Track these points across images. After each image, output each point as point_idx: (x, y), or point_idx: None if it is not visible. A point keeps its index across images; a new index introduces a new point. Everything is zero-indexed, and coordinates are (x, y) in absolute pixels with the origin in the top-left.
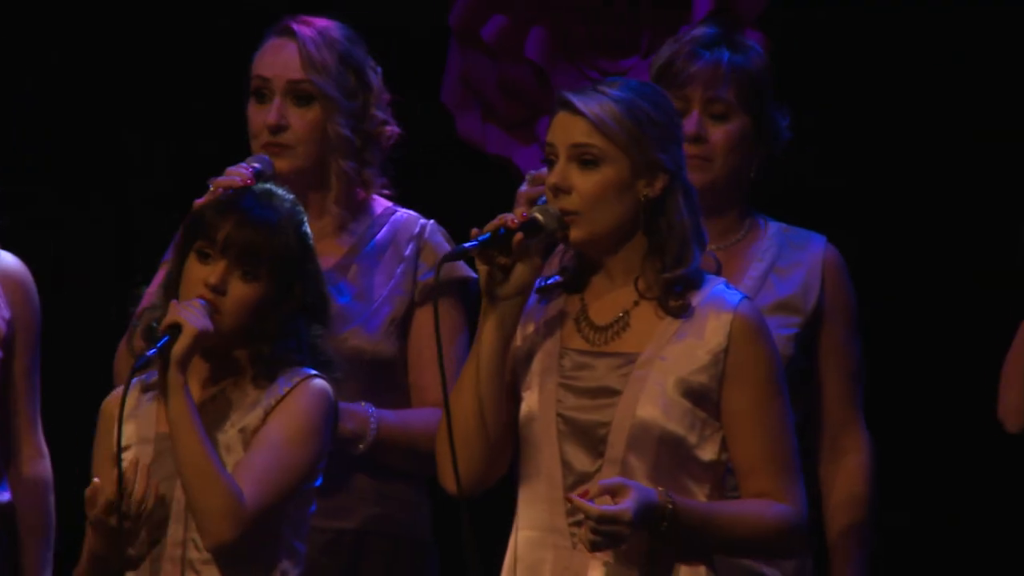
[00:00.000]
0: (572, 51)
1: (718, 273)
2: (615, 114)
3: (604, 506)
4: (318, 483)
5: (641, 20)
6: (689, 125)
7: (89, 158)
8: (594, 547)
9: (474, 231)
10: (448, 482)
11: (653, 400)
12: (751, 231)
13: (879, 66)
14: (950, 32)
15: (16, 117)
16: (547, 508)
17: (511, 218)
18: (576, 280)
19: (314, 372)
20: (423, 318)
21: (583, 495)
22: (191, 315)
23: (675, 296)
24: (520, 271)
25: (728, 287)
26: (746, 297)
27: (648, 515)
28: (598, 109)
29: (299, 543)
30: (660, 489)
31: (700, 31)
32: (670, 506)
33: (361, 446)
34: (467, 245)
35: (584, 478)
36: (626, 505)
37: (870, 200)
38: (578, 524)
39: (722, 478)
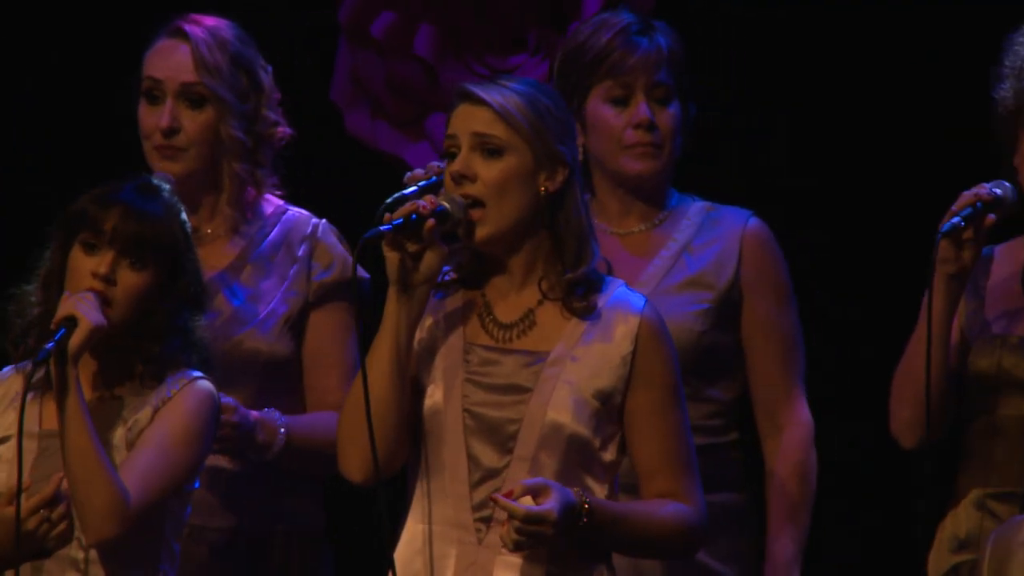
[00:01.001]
0: (461, 48)
1: (609, 273)
2: (518, 105)
3: (530, 506)
4: (196, 485)
5: (529, 18)
6: (641, 112)
7: None
8: (517, 547)
9: (387, 216)
10: (352, 471)
11: (564, 401)
12: (673, 212)
13: (843, 63)
14: (909, 29)
15: None
16: (452, 503)
17: (423, 205)
18: (473, 278)
19: (199, 374)
20: (319, 319)
21: (507, 495)
22: (86, 308)
23: (578, 297)
24: (430, 258)
25: (629, 289)
26: (647, 300)
27: (568, 515)
28: (501, 99)
29: (176, 543)
30: (576, 489)
31: (622, 19)
32: (587, 506)
33: (269, 455)
34: (383, 228)
35: (491, 474)
36: (550, 505)
37: (838, 197)
38: (484, 520)
39: (615, 478)
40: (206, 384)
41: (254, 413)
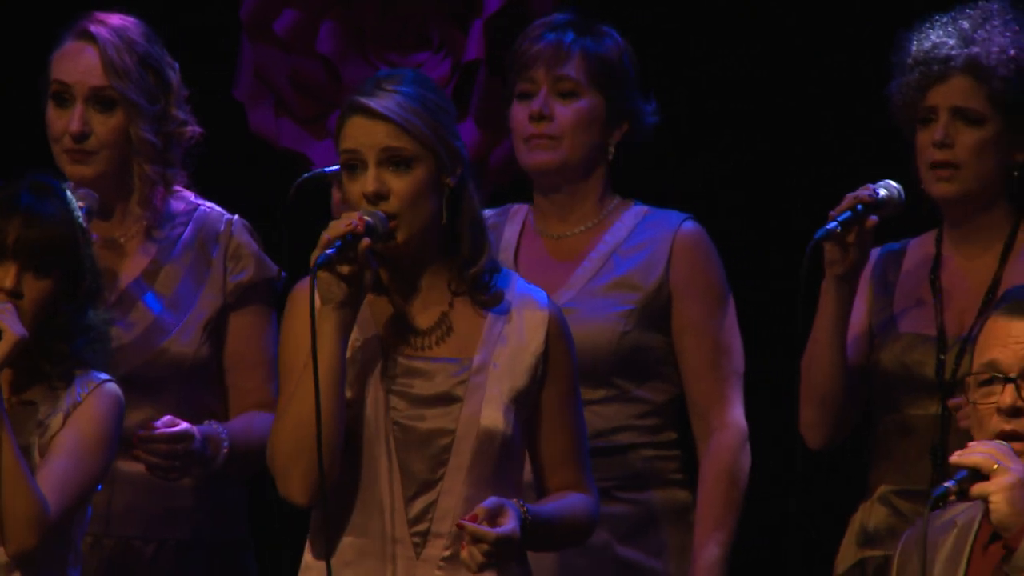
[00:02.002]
0: (364, 46)
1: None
2: (415, 111)
3: (498, 529)
4: (99, 488)
5: (432, 16)
6: (535, 104)
7: None
8: (481, 568)
9: (324, 237)
10: (296, 493)
11: (494, 407)
12: (610, 216)
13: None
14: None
15: None
16: (387, 517)
17: (356, 224)
18: (379, 285)
19: (106, 376)
20: (238, 321)
21: (471, 519)
22: (9, 320)
23: (483, 288)
24: (365, 276)
25: (527, 283)
26: (546, 293)
27: (521, 529)
28: (399, 108)
29: (79, 544)
30: (517, 500)
31: (550, 20)
32: (529, 517)
33: (213, 468)
34: (330, 252)
35: (426, 487)
36: (512, 525)
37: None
38: (422, 534)
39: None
40: (113, 387)
41: (198, 429)
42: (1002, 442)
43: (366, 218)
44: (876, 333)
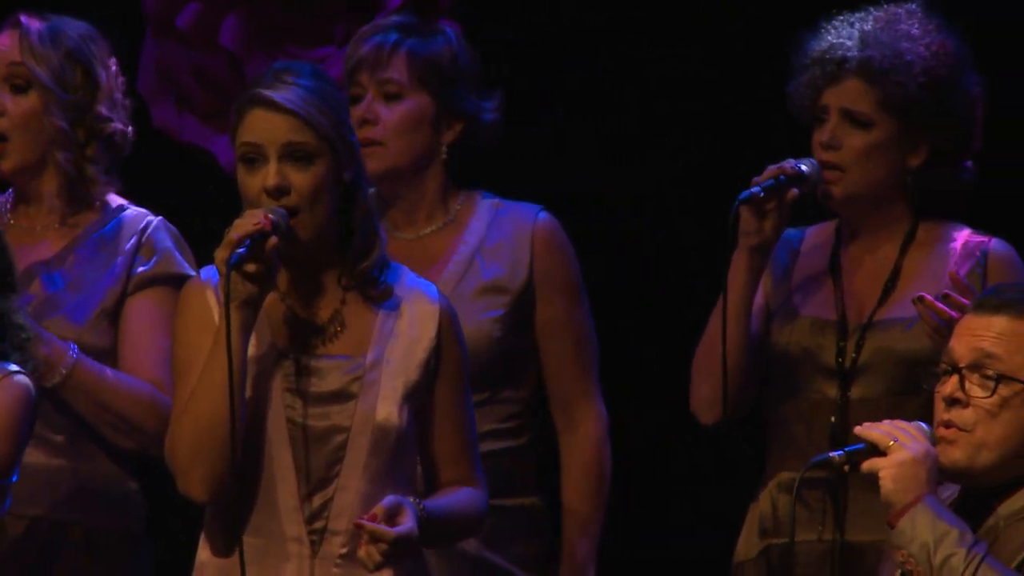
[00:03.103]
0: (267, 40)
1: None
2: (316, 104)
3: (397, 529)
4: (14, 479)
5: (335, 10)
6: (358, 109)
7: None
8: (379, 567)
9: (232, 236)
10: (196, 490)
11: (389, 403)
12: (461, 212)
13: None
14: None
15: None
16: (283, 516)
17: (262, 222)
18: (274, 282)
19: (16, 368)
20: (133, 307)
21: (370, 519)
22: None
23: (374, 284)
24: (272, 273)
25: (416, 277)
26: (437, 288)
27: (419, 527)
28: (300, 102)
29: None
30: (413, 498)
31: (381, 20)
32: (425, 514)
33: (54, 378)
34: (242, 251)
35: (322, 484)
36: (411, 524)
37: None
38: (318, 532)
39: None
40: (22, 379)
41: (45, 333)
42: (921, 424)
43: (272, 216)
44: (774, 315)
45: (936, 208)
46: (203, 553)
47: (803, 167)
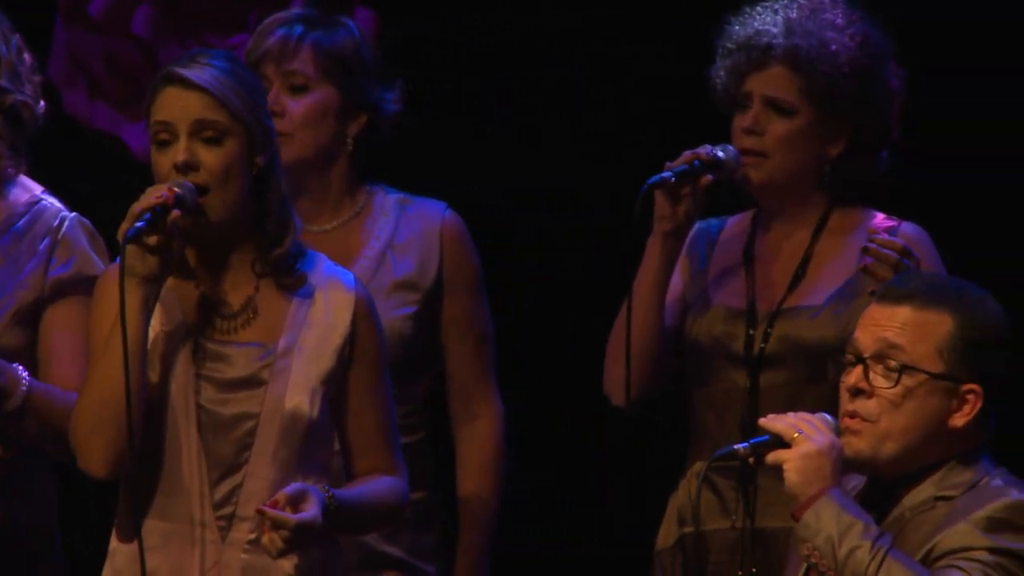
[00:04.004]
0: (179, 27)
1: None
2: (230, 85)
3: (299, 515)
4: None
5: None
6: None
7: None
8: (281, 554)
9: (134, 209)
10: (95, 466)
11: (300, 391)
12: (366, 206)
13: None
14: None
15: None
16: (191, 501)
17: (165, 196)
18: (187, 268)
19: None
20: (53, 314)
21: (272, 505)
22: None
23: (288, 271)
24: (173, 249)
25: (334, 264)
26: (355, 276)
27: (324, 515)
28: (215, 81)
29: None
30: (322, 486)
31: (285, 12)
32: (334, 503)
33: (8, 405)
34: (140, 224)
35: (231, 470)
36: (314, 512)
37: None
38: (227, 518)
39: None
40: None
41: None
42: (825, 415)
43: (176, 189)
44: (690, 305)
45: (852, 198)
46: (114, 540)
47: (719, 153)
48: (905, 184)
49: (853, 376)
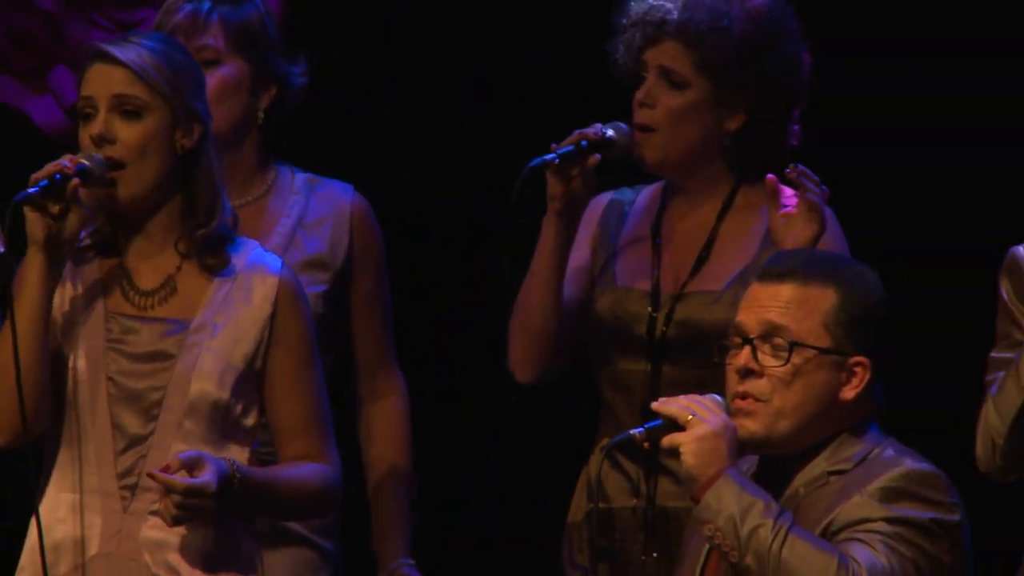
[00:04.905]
0: (85, 1)
1: (234, 228)
2: (154, 63)
3: (189, 479)
4: None
5: None
6: None
7: None
8: (177, 521)
9: (33, 178)
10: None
11: (209, 367)
12: (275, 185)
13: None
14: None
15: None
16: (97, 471)
17: (65, 164)
18: (111, 245)
19: None
20: None
21: (164, 470)
22: None
23: (213, 254)
24: (73, 218)
25: (265, 251)
26: (283, 261)
27: (223, 485)
28: (137, 58)
29: None
30: (227, 459)
31: None
32: (238, 475)
33: None
34: (32, 190)
35: (136, 441)
36: (208, 477)
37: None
38: (130, 488)
39: (255, 443)
40: None
41: None
42: (716, 396)
43: (81, 160)
44: (596, 281)
45: (760, 174)
46: (37, 511)
47: (610, 132)
48: (812, 159)
49: (742, 357)
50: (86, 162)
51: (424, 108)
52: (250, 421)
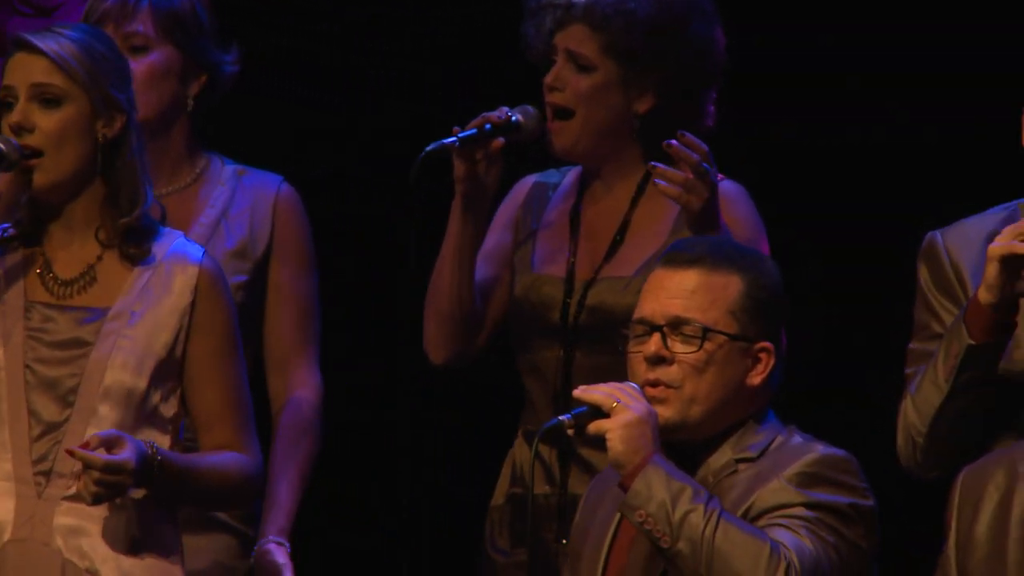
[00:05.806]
0: None
1: (163, 220)
2: (74, 52)
3: (108, 456)
4: None
5: None
6: None
7: None
8: (96, 499)
9: None
10: None
11: (125, 355)
12: (204, 174)
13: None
14: None
15: None
16: (12, 457)
17: None
18: (33, 234)
19: None
20: None
21: (83, 447)
22: None
23: (134, 243)
24: None
25: (188, 241)
26: (205, 251)
27: (143, 465)
28: (57, 47)
29: None
30: (147, 441)
31: None
32: (158, 458)
33: None
34: None
35: (51, 428)
36: (127, 455)
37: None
38: (44, 473)
39: (178, 432)
40: None
41: None
42: (634, 384)
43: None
44: (516, 265)
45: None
46: None
47: (516, 116)
48: (728, 139)
49: (652, 345)
50: (1, 146)
51: (410, 106)
52: (170, 409)
